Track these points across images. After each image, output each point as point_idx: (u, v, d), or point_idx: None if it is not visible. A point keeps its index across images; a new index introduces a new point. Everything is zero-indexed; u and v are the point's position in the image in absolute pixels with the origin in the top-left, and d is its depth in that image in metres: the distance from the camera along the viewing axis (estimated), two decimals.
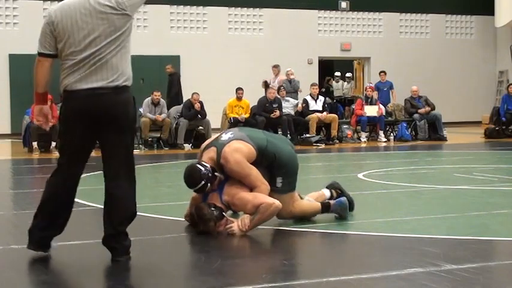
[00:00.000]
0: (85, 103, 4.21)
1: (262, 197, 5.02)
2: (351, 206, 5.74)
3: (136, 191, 4.38)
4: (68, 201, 4.38)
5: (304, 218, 5.47)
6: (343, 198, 5.61)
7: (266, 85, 16.57)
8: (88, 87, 4.19)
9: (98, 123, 4.24)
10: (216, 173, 5.08)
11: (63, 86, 4.27)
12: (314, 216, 5.55)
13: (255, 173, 5.11)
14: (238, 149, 5.10)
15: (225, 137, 5.27)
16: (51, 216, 4.31)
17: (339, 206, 5.54)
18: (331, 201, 5.59)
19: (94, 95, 4.19)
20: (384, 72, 19.09)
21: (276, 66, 17.05)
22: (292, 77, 17.29)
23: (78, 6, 4.18)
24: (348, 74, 23.37)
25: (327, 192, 5.78)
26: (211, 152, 5.18)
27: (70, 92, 4.24)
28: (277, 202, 5.01)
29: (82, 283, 3.88)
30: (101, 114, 4.22)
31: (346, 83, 23.15)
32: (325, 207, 5.54)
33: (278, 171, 5.28)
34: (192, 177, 5.08)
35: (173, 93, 18.11)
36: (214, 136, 5.53)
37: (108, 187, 4.30)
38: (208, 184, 5.05)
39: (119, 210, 4.27)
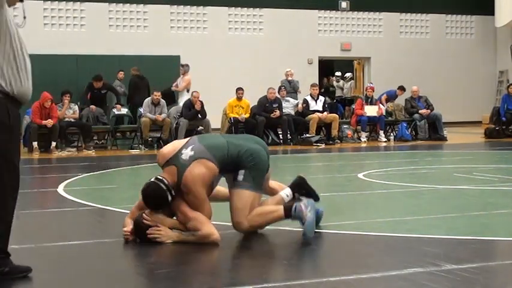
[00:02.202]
0: None
1: (205, 221, 4.75)
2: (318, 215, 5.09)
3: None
4: None
5: (265, 225, 5.04)
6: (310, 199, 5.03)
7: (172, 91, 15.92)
8: None
9: None
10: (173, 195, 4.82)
11: None
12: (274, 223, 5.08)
13: (207, 207, 4.82)
14: (201, 177, 4.73)
15: (185, 154, 4.82)
16: None
17: (307, 203, 4.88)
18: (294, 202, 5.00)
19: None
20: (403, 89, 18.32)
21: (182, 66, 16.68)
22: (291, 77, 17.30)
23: None
24: (348, 74, 23.39)
25: (287, 191, 5.25)
26: (172, 173, 4.79)
27: None
28: (216, 235, 4.69)
29: (82, 283, 3.88)
30: None
31: (346, 82, 23.17)
32: (288, 210, 4.93)
33: (245, 163, 4.85)
34: (156, 201, 4.77)
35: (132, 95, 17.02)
36: (173, 146, 5.01)
37: None
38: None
39: None
